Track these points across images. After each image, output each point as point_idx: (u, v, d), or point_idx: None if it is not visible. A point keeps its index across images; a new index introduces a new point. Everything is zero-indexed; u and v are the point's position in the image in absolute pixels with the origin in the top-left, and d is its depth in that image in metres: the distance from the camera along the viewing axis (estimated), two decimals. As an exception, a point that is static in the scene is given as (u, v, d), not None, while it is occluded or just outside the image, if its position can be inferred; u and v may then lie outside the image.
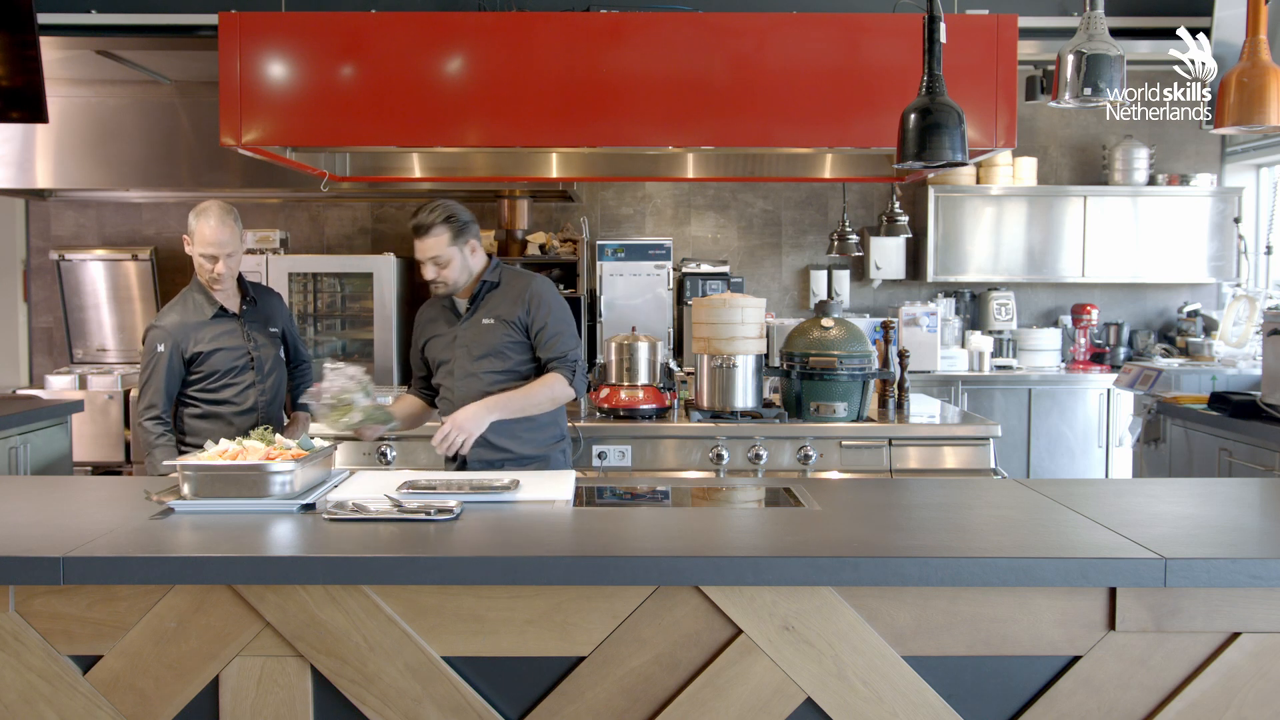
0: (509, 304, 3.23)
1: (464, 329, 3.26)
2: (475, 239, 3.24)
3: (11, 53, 3.97)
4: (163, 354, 3.40)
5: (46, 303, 6.90)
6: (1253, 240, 6.80)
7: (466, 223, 3.21)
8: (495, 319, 3.22)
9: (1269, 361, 4.34)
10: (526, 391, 3.17)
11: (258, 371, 3.52)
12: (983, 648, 2.06)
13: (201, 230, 3.38)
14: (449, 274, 3.20)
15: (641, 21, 4.09)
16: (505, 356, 3.22)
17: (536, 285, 3.27)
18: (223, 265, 3.41)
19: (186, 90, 6.08)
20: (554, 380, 3.19)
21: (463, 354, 3.25)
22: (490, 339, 3.22)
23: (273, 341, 3.61)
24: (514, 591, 2.07)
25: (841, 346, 4.11)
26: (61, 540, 2.12)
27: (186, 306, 3.48)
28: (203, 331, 3.45)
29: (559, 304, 3.28)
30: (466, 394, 3.20)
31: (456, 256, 3.19)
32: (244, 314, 3.55)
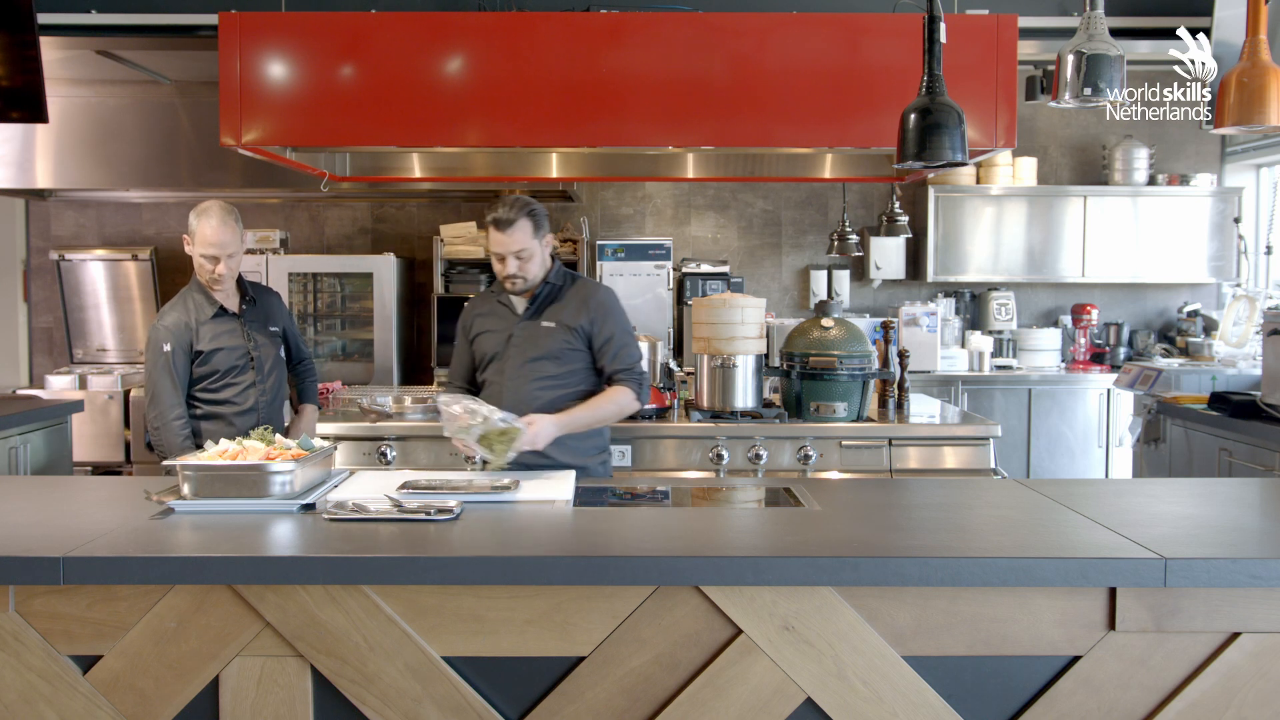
0: (572, 310, 3.18)
1: (521, 328, 3.20)
2: (549, 235, 3.21)
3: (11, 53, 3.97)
4: (169, 353, 3.39)
5: (46, 303, 6.90)
6: (1253, 240, 6.80)
7: (544, 216, 3.16)
8: (556, 323, 3.17)
9: (1269, 361, 4.34)
10: (594, 406, 3.13)
11: (258, 371, 3.51)
12: (983, 648, 2.06)
13: (202, 231, 3.37)
14: (531, 268, 3.14)
15: (641, 21, 4.09)
16: (560, 362, 3.17)
17: (602, 295, 3.23)
18: (223, 266, 3.40)
19: (186, 90, 6.08)
20: (621, 394, 3.15)
21: (516, 353, 3.19)
22: (548, 342, 3.17)
23: (273, 341, 3.60)
24: (514, 591, 2.07)
25: (841, 346, 4.11)
26: (61, 540, 2.12)
27: (187, 306, 3.47)
28: (203, 330, 3.44)
29: (622, 313, 3.25)
30: (515, 394, 3.15)
31: (538, 250, 3.14)
32: (244, 314, 3.54)
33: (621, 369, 3.17)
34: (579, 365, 3.20)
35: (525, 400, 3.13)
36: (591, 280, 3.33)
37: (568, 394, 3.17)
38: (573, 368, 3.19)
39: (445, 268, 6.59)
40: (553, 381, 3.17)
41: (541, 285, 3.21)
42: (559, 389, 3.16)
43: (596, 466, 3.25)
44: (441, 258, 6.54)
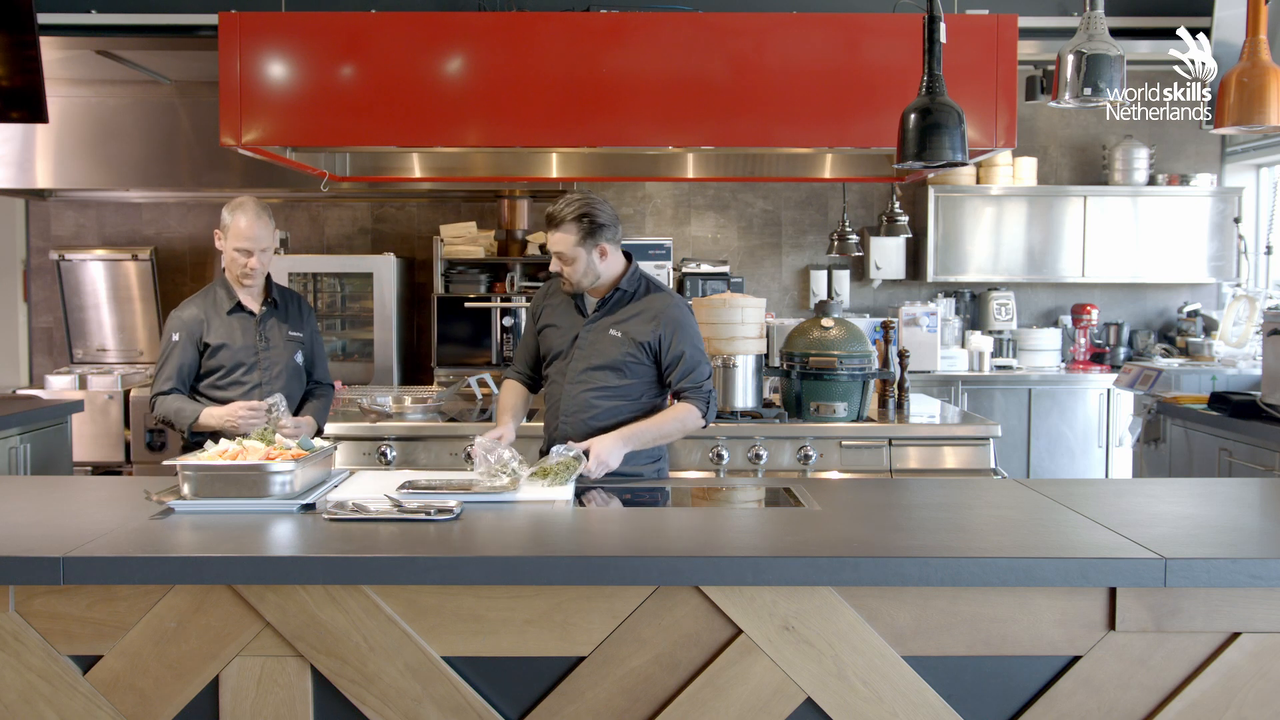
0: (642, 323, 3.06)
1: (587, 331, 3.10)
2: (609, 242, 3.03)
3: (11, 53, 3.97)
4: (177, 342, 3.40)
5: (46, 303, 6.89)
6: (1253, 240, 6.80)
7: (602, 225, 3.00)
8: (624, 334, 3.05)
9: (1269, 361, 4.34)
10: (659, 423, 3.05)
11: (265, 373, 3.46)
12: (983, 648, 2.06)
13: (237, 224, 3.37)
14: (572, 273, 3.03)
15: (641, 21, 4.09)
16: (623, 373, 3.06)
17: (674, 310, 3.08)
18: (256, 260, 3.40)
19: (186, 90, 6.08)
20: (687, 412, 3.06)
21: (579, 358, 3.09)
22: (612, 351, 3.06)
23: (289, 345, 3.53)
24: (514, 591, 2.07)
25: (841, 346, 4.11)
26: (61, 540, 2.12)
27: (206, 300, 3.48)
28: (215, 324, 3.43)
29: (693, 329, 3.12)
30: (572, 400, 3.08)
31: (582, 257, 3.00)
32: (262, 315, 3.50)
33: (689, 387, 3.07)
34: (642, 378, 3.10)
35: (581, 407, 3.07)
36: (667, 292, 3.17)
37: (626, 405, 3.08)
38: (635, 380, 3.08)
39: (445, 268, 6.59)
40: (612, 392, 3.07)
41: (613, 290, 3.09)
42: (617, 399, 3.07)
43: (650, 475, 3.15)
44: (441, 258, 6.54)
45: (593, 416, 3.06)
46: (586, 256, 3.01)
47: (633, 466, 3.04)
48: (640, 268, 3.19)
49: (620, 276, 3.11)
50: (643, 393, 3.11)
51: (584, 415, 3.06)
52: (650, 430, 3.03)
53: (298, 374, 3.57)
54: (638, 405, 3.10)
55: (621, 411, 3.08)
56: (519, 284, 6.54)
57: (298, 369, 3.57)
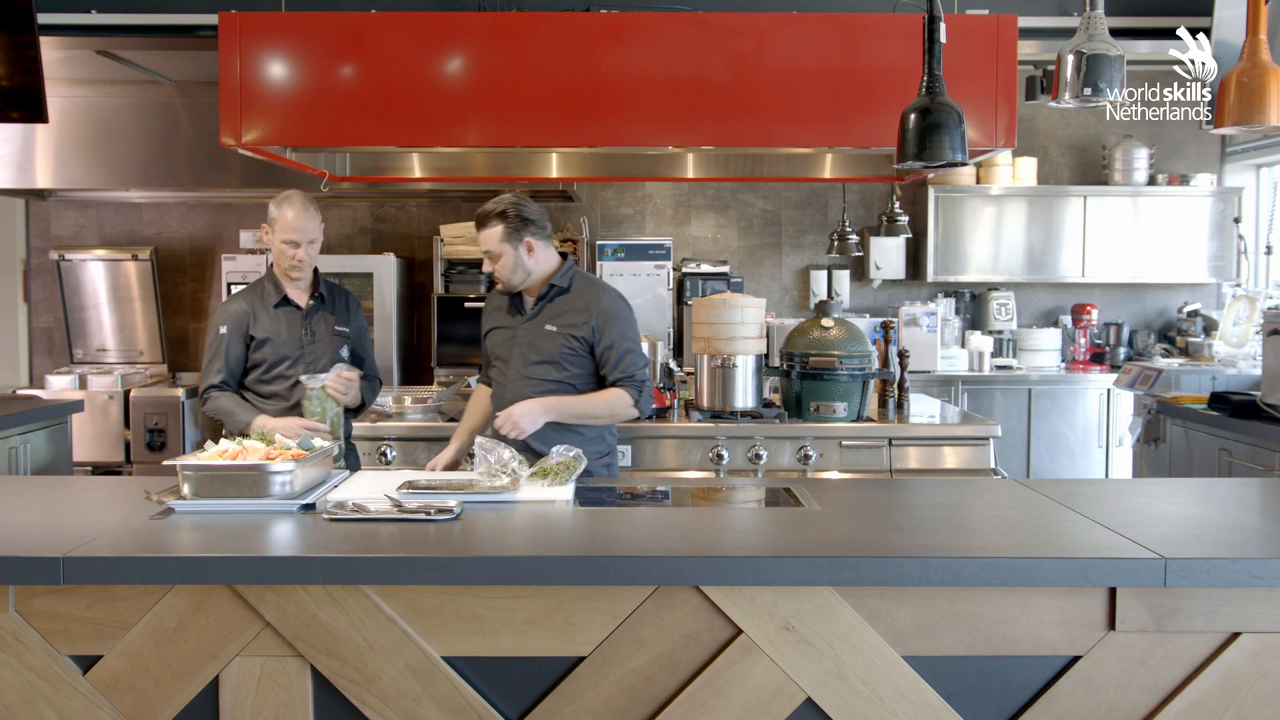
0: (576, 316, 3.14)
1: (525, 329, 3.18)
2: (536, 239, 3.13)
3: (11, 53, 3.97)
4: (225, 334, 3.38)
5: (46, 303, 6.89)
6: (1253, 240, 6.80)
7: (528, 221, 3.11)
8: (559, 327, 3.14)
9: (1269, 361, 4.34)
10: (587, 400, 3.11)
11: (309, 366, 3.41)
12: (983, 648, 2.07)
13: (284, 217, 3.37)
14: (501, 270, 3.13)
15: (641, 21, 4.09)
16: (562, 367, 3.14)
17: (606, 301, 3.17)
18: (303, 252, 3.37)
19: (186, 90, 6.08)
20: (617, 396, 3.11)
21: (519, 356, 3.17)
22: (550, 347, 3.14)
23: (335, 340, 3.50)
24: (514, 591, 2.07)
25: (841, 346, 4.11)
26: (61, 540, 2.12)
27: (254, 294, 3.46)
28: (262, 317, 3.41)
29: (626, 319, 3.20)
30: (515, 397, 3.12)
31: (509, 253, 3.11)
32: (309, 309, 3.47)
33: (622, 376, 3.13)
34: (581, 370, 3.17)
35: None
36: (600, 284, 3.27)
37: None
38: (575, 372, 3.16)
39: (445, 268, 6.59)
40: (554, 386, 3.14)
41: (547, 287, 3.18)
42: (558, 393, 3.14)
43: (600, 469, 3.21)
44: (441, 258, 6.54)
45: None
46: (514, 253, 3.11)
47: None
48: (575, 264, 3.28)
49: (553, 273, 3.19)
50: (585, 386, 3.18)
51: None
52: (575, 406, 3.10)
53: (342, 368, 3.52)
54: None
55: None
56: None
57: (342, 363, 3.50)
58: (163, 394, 6.07)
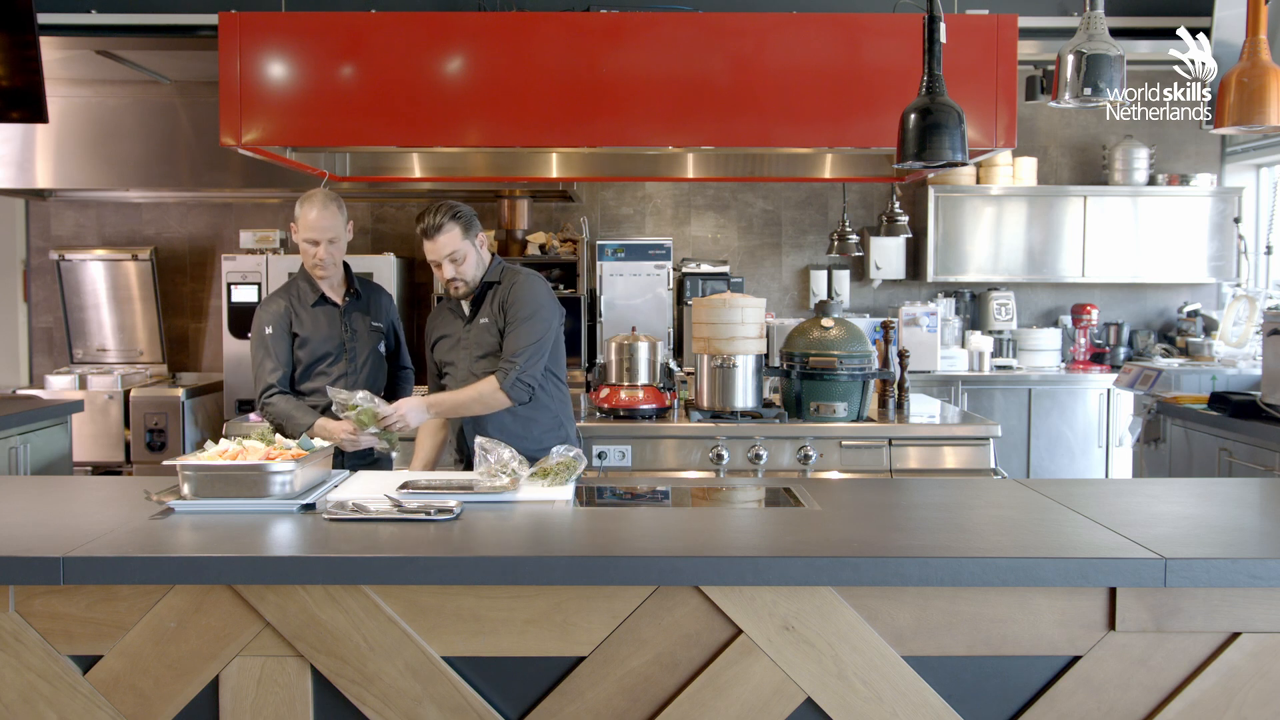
0: (498, 305, 3.23)
1: (467, 331, 3.27)
2: (481, 234, 3.25)
3: (11, 53, 3.97)
4: (270, 334, 3.39)
5: (46, 303, 6.89)
6: (1253, 240, 6.80)
7: (471, 217, 3.22)
8: (490, 319, 3.23)
9: (1269, 361, 4.34)
10: (458, 394, 3.17)
11: (350, 362, 3.45)
12: (983, 648, 2.07)
13: (305, 216, 3.38)
14: (467, 269, 3.18)
15: (641, 21, 4.09)
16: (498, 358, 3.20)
17: (518, 284, 3.22)
18: (324, 250, 3.39)
19: (186, 90, 6.08)
20: (487, 385, 3.13)
21: (465, 356, 3.26)
22: (486, 339, 3.22)
23: (372, 336, 3.54)
24: (514, 591, 2.07)
25: (841, 346, 4.11)
26: (61, 540, 2.12)
27: (290, 293, 3.47)
28: (303, 315, 3.43)
29: (531, 303, 3.18)
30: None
31: (471, 251, 3.19)
32: (346, 305, 3.50)
33: (503, 360, 3.15)
34: None
35: None
36: (518, 270, 3.31)
37: None
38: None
39: (445, 268, 6.57)
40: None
41: (482, 286, 3.25)
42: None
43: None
44: (441, 258, 6.53)
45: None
46: (475, 249, 3.20)
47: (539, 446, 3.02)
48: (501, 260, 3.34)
49: (486, 271, 3.26)
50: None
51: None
52: (447, 401, 3.17)
53: (381, 363, 3.58)
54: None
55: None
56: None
57: (381, 358, 3.58)
58: (163, 394, 6.07)
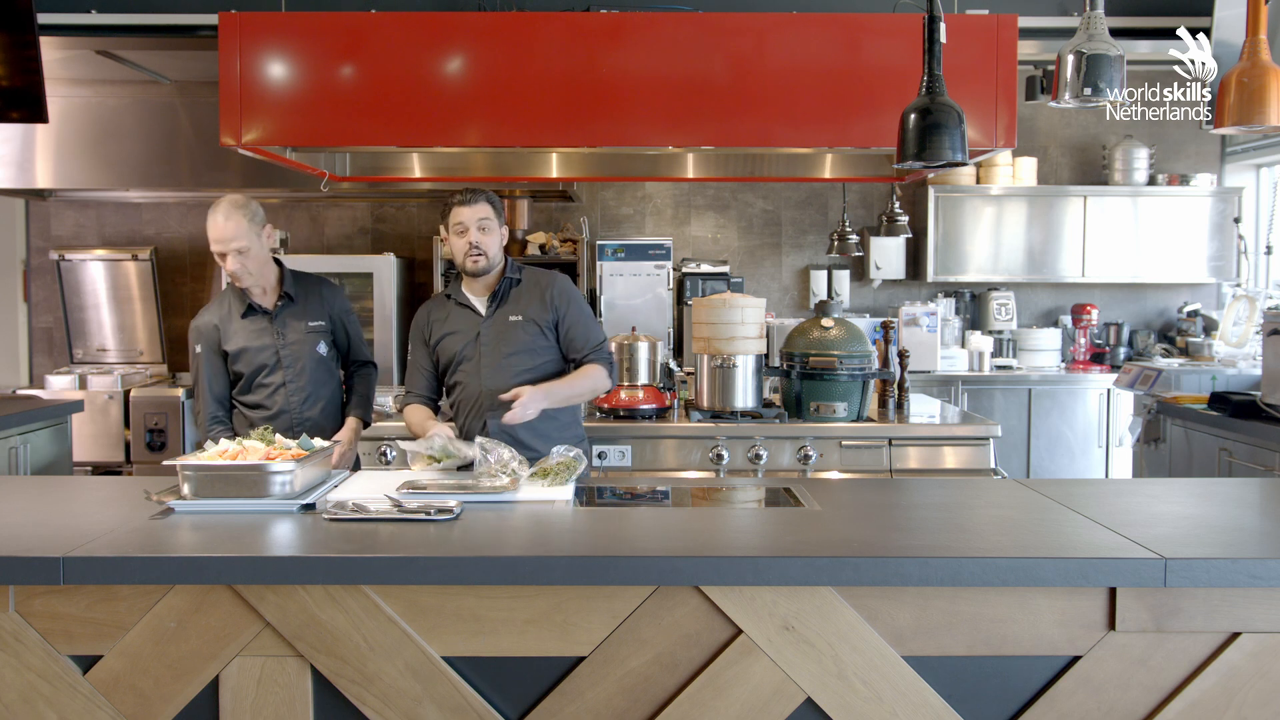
0: (534, 303, 3.27)
1: (488, 326, 3.27)
2: (506, 227, 3.34)
3: (11, 53, 3.97)
4: (200, 354, 3.35)
5: (46, 303, 6.89)
6: (1253, 240, 6.80)
7: (501, 204, 3.32)
8: (523, 317, 3.26)
9: (1269, 361, 4.34)
10: (570, 381, 3.23)
11: (288, 369, 3.36)
12: (983, 648, 2.07)
13: (209, 226, 3.25)
14: (491, 243, 3.23)
15: (641, 21, 4.09)
16: (533, 354, 3.26)
17: (561, 283, 3.33)
18: (234, 261, 3.25)
19: (186, 90, 6.08)
20: (595, 371, 3.25)
21: (489, 351, 3.25)
22: (519, 336, 3.25)
23: (310, 337, 3.41)
24: (514, 591, 2.07)
25: (841, 346, 4.11)
26: (61, 540, 2.12)
27: (221, 305, 3.41)
28: (231, 330, 3.35)
29: (581, 298, 3.36)
30: (495, 389, 3.19)
31: (498, 231, 3.26)
32: (277, 310, 3.39)
33: (591, 351, 3.27)
34: (550, 356, 3.30)
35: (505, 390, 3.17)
36: (543, 270, 3.41)
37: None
38: (547, 357, 3.29)
39: (445, 268, 6.58)
40: (532, 373, 3.24)
41: (500, 280, 3.28)
42: (538, 379, 3.23)
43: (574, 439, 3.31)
44: (441, 258, 6.53)
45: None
46: (499, 232, 3.27)
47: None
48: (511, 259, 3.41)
49: (505, 266, 3.32)
50: (556, 368, 3.31)
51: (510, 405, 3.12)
52: (563, 388, 3.21)
53: (322, 364, 3.45)
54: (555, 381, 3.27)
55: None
56: (519, 284, 6.53)
57: (321, 360, 3.45)
58: (163, 394, 6.07)
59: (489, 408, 3.21)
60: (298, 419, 3.36)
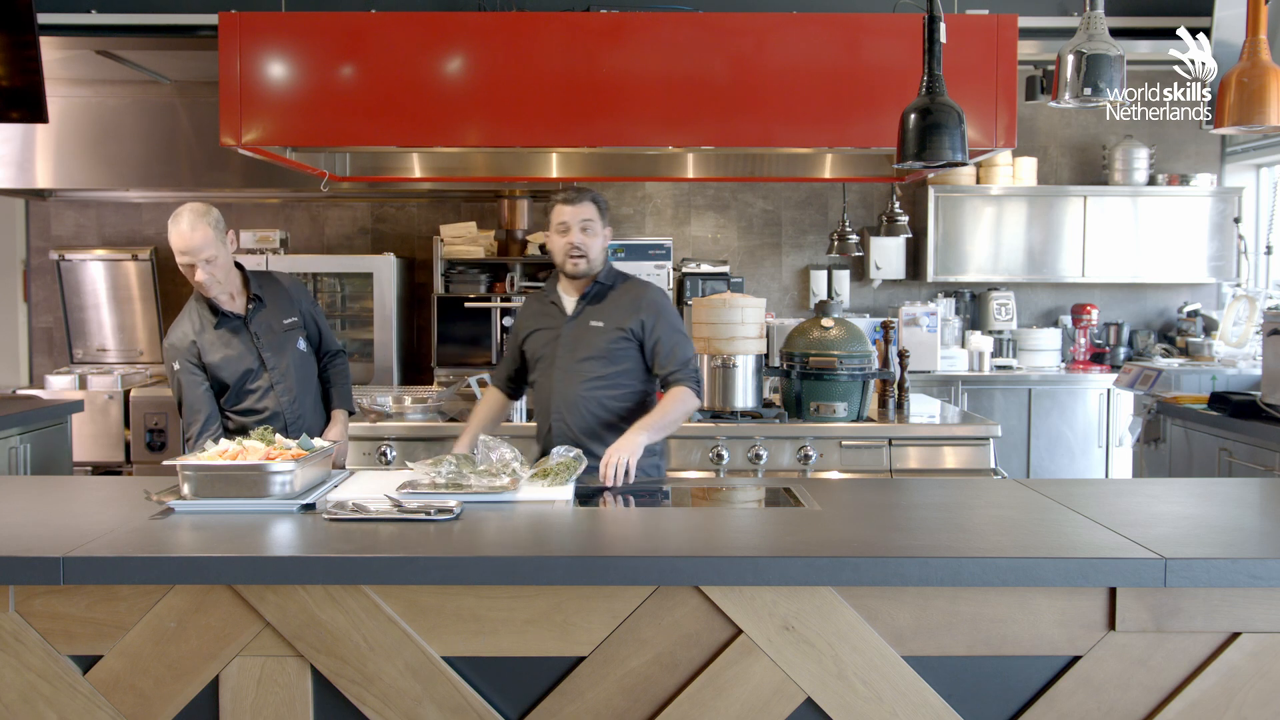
0: (623, 311, 3.17)
1: (569, 328, 3.20)
2: (610, 229, 3.24)
3: (11, 53, 3.97)
4: (179, 371, 3.23)
5: (46, 303, 6.89)
6: (1253, 240, 6.80)
7: (607, 206, 3.22)
8: (605, 323, 3.16)
9: (1269, 361, 4.34)
10: (663, 412, 3.08)
11: (273, 371, 3.31)
12: (983, 648, 2.07)
13: (172, 237, 3.12)
14: (592, 245, 3.14)
15: (641, 21, 4.09)
16: (609, 361, 3.15)
17: (653, 294, 3.21)
18: (202, 272, 3.15)
19: (186, 90, 6.07)
20: (683, 395, 3.11)
21: (565, 353, 3.18)
22: (597, 342, 3.16)
23: (288, 335, 3.37)
24: (514, 591, 2.07)
25: (841, 346, 4.11)
26: (61, 540, 2.12)
27: (191, 318, 3.30)
28: (206, 342, 3.26)
29: (673, 313, 3.23)
30: (564, 394, 3.15)
31: (601, 233, 3.17)
32: (249, 314, 3.33)
33: (676, 369, 3.14)
34: (629, 365, 3.17)
35: (574, 401, 3.14)
36: (641, 280, 3.30)
37: (618, 394, 3.16)
38: (623, 367, 3.16)
39: (445, 268, 6.59)
40: (602, 382, 3.15)
41: (591, 284, 3.20)
42: (608, 388, 3.15)
43: (650, 468, 3.16)
44: (441, 258, 6.54)
45: (585, 409, 3.13)
46: (603, 235, 3.18)
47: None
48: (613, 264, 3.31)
49: (600, 272, 3.23)
50: (632, 380, 3.19)
51: (578, 408, 3.13)
52: (657, 420, 3.06)
53: (305, 361, 3.43)
54: (627, 393, 3.17)
55: (613, 402, 3.15)
56: (519, 284, 6.54)
57: (303, 356, 3.42)
58: (163, 394, 6.06)
59: (557, 409, 3.16)
60: (291, 419, 3.32)
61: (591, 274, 3.19)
